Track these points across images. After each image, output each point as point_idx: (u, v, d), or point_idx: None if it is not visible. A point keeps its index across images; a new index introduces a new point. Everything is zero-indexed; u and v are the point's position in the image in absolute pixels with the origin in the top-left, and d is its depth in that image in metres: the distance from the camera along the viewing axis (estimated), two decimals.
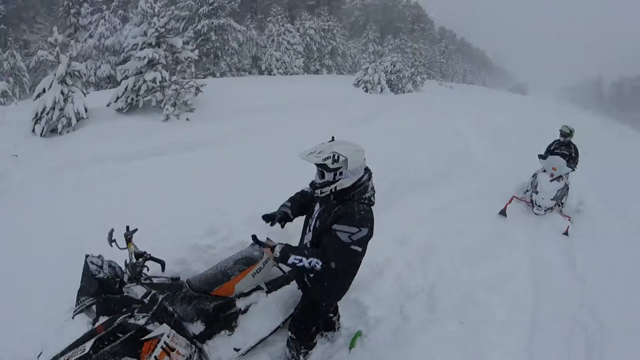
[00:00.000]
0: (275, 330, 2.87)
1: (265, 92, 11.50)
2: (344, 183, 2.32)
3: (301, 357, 2.77)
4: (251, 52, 23.14)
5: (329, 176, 2.32)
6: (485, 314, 3.42)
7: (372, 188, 2.46)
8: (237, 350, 2.68)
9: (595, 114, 37.17)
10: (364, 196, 2.38)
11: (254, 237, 2.49)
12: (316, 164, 2.33)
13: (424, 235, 4.64)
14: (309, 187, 2.67)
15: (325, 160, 2.27)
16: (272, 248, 2.33)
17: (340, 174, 2.30)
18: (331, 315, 3.01)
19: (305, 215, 2.69)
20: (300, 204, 2.75)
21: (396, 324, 3.27)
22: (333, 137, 2.44)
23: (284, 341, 2.80)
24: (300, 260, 2.25)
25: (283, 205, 2.75)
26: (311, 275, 2.57)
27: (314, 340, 2.80)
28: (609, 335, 3.36)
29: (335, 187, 2.33)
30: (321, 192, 2.38)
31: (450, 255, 4.33)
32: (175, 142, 6.71)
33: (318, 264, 2.24)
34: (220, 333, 2.71)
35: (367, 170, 2.46)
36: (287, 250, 2.30)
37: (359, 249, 2.31)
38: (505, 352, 3.05)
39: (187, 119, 8.60)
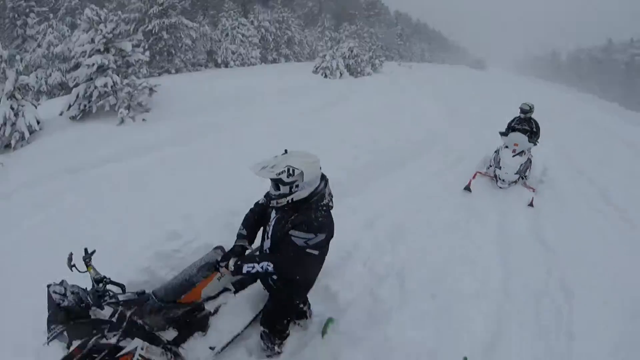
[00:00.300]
0: (248, 326, 2.89)
1: (222, 85, 11.13)
2: (301, 194, 2.30)
3: (276, 347, 2.80)
4: (206, 47, 22.52)
5: (284, 189, 2.29)
6: (456, 288, 3.52)
7: (330, 194, 2.44)
8: (212, 348, 2.68)
9: (554, 84, 38.41)
10: (322, 203, 2.37)
11: (217, 262, 2.49)
12: (270, 179, 2.29)
13: (391, 216, 4.69)
14: (263, 198, 2.65)
15: (279, 174, 2.22)
16: (227, 265, 2.36)
17: (297, 186, 2.27)
18: (301, 305, 3.02)
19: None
20: (255, 223, 2.69)
21: (368, 305, 3.34)
22: (286, 150, 2.38)
23: (259, 334, 2.82)
24: (253, 267, 2.28)
25: (239, 237, 2.64)
26: (274, 277, 2.58)
27: (287, 331, 2.82)
28: (577, 303, 3.46)
29: (292, 199, 2.30)
30: (277, 203, 2.34)
31: (418, 233, 4.38)
32: (131, 146, 6.49)
33: (269, 266, 2.26)
34: (194, 335, 2.70)
35: (323, 177, 2.43)
36: (240, 261, 2.33)
37: (316, 252, 2.31)
38: (477, 323, 3.17)
39: (143, 120, 8.33)
